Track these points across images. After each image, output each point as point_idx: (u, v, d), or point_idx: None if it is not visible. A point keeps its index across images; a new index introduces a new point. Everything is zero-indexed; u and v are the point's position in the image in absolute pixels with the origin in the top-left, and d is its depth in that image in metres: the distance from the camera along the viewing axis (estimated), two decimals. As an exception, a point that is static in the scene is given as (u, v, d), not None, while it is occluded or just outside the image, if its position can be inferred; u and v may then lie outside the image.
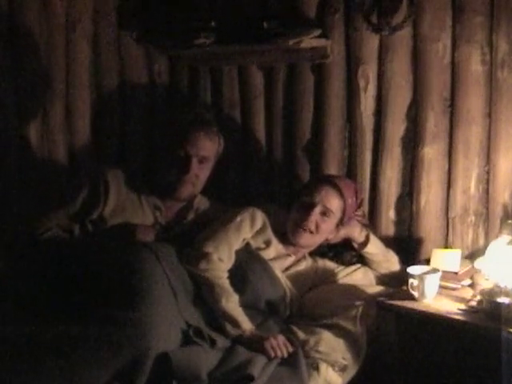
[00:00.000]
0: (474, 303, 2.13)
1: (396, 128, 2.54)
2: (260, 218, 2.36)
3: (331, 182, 2.37)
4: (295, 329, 2.17)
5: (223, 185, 2.95)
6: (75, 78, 2.87)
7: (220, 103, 2.94)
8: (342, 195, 2.34)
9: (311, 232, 2.33)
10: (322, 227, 2.34)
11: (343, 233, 2.41)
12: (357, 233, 2.43)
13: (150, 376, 1.82)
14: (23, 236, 2.38)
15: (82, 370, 1.80)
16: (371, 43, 2.53)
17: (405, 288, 2.23)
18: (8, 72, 2.70)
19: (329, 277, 2.43)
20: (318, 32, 2.55)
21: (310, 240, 2.37)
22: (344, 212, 2.35)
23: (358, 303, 2.23)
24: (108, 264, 2.12)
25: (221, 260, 2.20)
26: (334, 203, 2.34)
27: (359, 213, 2.45)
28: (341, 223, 2.38)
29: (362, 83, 2.56)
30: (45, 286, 2.16)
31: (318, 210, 2.32)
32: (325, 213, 2.33)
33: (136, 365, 1.81)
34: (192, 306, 2.09)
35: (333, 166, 2.69)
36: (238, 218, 2.31)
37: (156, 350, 1.84)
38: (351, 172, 2.66)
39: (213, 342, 1.99)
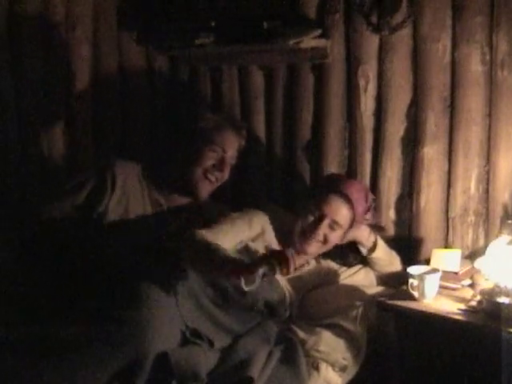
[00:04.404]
0: (473, 303, 2.13)
1: (396, 128, 2.54)
2: (259, 221, 2.33)
3: (342, 192, 2.29)
4: (295, 328, 2.16)
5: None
6: (75, 78, 2.87)
7: (220, 103, 2.94)
8: (352, 207, 2.30)
9: (319, 242, 2.31)
10: (330, 238, 2.31)
11: (351, 236, 2.38)
12: (365, 238, 2.41)
13: (150, 376, 1.83)
14: (24, 235, 2.39)
15: (82, 369, 1.80)
16: (371, 43, 2.53)
17: (405, 288, 2.23)
18: (8, 72, 2.70)
19: (331, 278, 2.42)
20: (318, 32, 2.56)
21: (317, 249, 2.34)
22: (353, 221, 2.32)
23: (358, 303, 2.23)
24: (108, 264, 2.12)
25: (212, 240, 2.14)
26: (344, 216, 2.29)
27: (368, 216, 2.40)
28: (350, 227, 2.35)
29: (362, 83, 2.56)
30: (45, 287, 2.16)
31: (326, 222, 2.28)
32: (333, 225, 2.29)
33: (136, 365, 1.81)
34: (192, 307, 2.08)
35: (333, 166, 2.69)
36: (235, 215, 2.31)
37: (156, 350, 1.84)
38: (351, 172, 2.66)
39: (211, 344, 1.99)
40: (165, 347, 1.86)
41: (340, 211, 2.28)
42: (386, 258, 2.43)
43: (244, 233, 2.29)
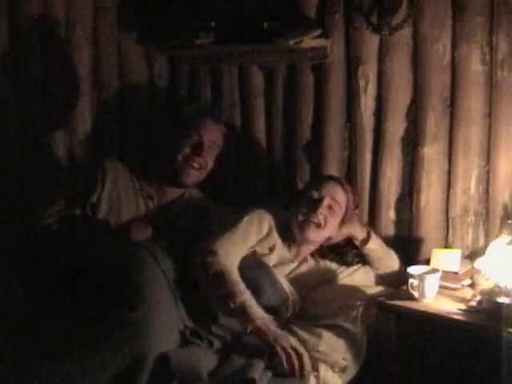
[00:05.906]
0: (473, 303, 2.13)
1: (396, 128, 2.54)
2: (267, 221, 2.37)
3: (334, 177, 2.46)
4: (295, 329, 2.16)
5: (223, 185, 2.95)
6: (75, 78, 2.87)
7: (220, 103, 2.94)
8: (345, 190, 2.40)
9: (319, 226, 2.34)
10: (329, 222, 2.36)
11: (345, 232, 2.43)
12: (358, 231, 2.45)
13: (151, 377, 1.82)
14: (23, 235, 2.40)
15: (82, 371, 1.80)
16: (371, 43, 2.53)
17: (405, 288, 2.23)
18: (8, 72, 2.70)
19: (330, 278, 2.43)
20: (318, 32, 2.56)
21: (317, 235, 2.37)
22: (347, 208, 2.40)
23: (358, 303, 2.23)
24: (107, 265, 2.12)
25: (227, 257, 2.17)
26: (340, 197, 2.39)
27: (358, 212, 2.49)
28: (343, 221, 2.39)
29: (362, 83, 2.56)
30: (44, 288, 2.16)
31: (326, 202, 2.35)
32: (332, 206, 2.36)
33: (136, 365, 1.81)
34: (190, 308, 2.08)
35: (333, 166, 2.69)
36: (246, 220, 2.31)
37: (156, 351, 1.84)
38: (351, 172, 2.66)
39: (210, 344, 1.99)
40: (165, 348, 1.86)
41: (337, 191, 2.39)
42: (381, 250, 2.45)
43: (254, 238, 2.33)
